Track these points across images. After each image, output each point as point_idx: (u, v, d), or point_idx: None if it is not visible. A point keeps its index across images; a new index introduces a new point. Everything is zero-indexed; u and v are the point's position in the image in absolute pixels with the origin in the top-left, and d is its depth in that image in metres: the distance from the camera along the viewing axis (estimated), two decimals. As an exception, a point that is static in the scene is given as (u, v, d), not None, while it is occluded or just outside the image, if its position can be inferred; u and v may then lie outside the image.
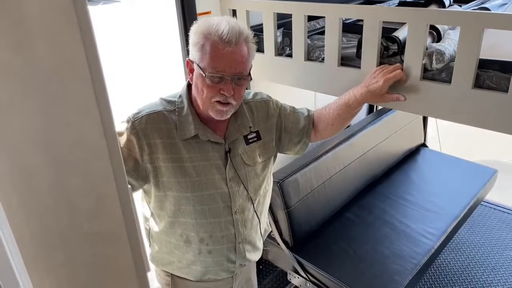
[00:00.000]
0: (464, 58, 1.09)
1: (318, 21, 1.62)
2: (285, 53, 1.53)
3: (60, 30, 0.49)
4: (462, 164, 2.74)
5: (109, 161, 0.58)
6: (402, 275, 1.84)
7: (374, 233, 2.11)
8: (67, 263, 0.55)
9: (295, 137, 1.37)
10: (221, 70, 1.08)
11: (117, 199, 0.60)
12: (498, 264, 2.44)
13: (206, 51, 1.08)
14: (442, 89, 1.16)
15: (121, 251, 0.62)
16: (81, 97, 0.52)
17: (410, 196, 2.40)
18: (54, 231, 0.53)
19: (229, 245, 1.30)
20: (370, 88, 1.21)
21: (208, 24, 1.08)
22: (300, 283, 2.04)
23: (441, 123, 3.31)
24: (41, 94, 0.48)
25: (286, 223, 1.97)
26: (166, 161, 1.15)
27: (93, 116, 0.54)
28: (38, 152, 0.49)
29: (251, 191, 1.29)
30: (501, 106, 1.07)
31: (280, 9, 1.45)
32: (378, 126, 2.54)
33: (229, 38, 1.06)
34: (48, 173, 0.50)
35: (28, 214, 0.49)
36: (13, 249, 0.48)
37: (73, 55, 0.51)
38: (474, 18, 1.04)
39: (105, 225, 0.59)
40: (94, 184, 0.56)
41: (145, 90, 1.79)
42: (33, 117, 0.48)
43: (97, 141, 0.55)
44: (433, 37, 1.28)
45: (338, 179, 2.23)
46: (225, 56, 1.07)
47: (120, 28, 1.69)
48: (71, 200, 0.54)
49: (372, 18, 1.22)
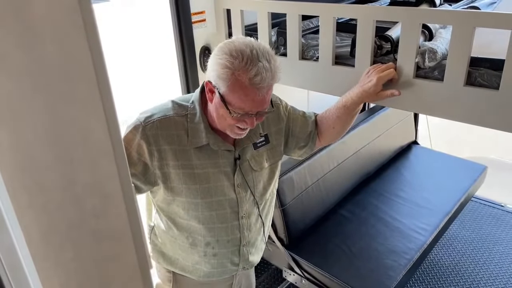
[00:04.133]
0: (456, 56, 1.11)
1: (312, 20, 1.64)
2: (280, 52, 1.54)
3: (67, 29, 0.49)
4: (452, 161, 2.79)
5: (113, 159, 0.58)
6: (396, 270, 1.87)
7: (368, 230, 2.14)
8: (74, 260, 0.56)
9: (302, 141, 1.37)
10: (248, 111, 1.06)
11: (121, 197, 0.60)
12: (488, 259, 2.49)
13: (234, 90, 1.03)
14: (434, 87, 1.18)
15: (125, 248, 0.63)
16: (86, 95, 0.53)
17: (402, 193, 2.44)
18: (62, 229, 0.53)
19: (233, 249, 1.30)
20: (365, 87, 1.23)
21: (239, 59, 1.00)
22: (295, 280, 2.06)
23: (431, 121, 3.36)
24: (49, 92, 0.49)
25: (281, 220, 1.99)
26: (176, 168, 1.14)
27: (98, 114, 0.55)
28: (47, 149, 0.50)
29: (257, 196, 1.28)
30: (492, 103, 1.10)
31: (275, 8, 1.46)
32: (370, 124, 2.57)
33: (261, 85, 1.02)
34: (56, 170, 0.51)
35: (37, 212, 0.50)
36: (23, 247, 0.49)
37: (79, 54, 0.51)
38: (466, 17, 1.07)
39: (111, 222, 0.60)
40: (100, 182, 0.57)
41: (143, 89, 1.79)
42: (42, 115, 0.48)
43: (102, 139, 0.56)
44: (425, 36, 1.31)
45: (332, 177, 2.26)
46: (254, 98, 1.04)
47: (119, 28, 1.69)
48: (79, 198, 0.54)
49: (365, 17, 1.24)
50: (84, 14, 0.52)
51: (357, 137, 2.46)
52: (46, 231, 0.52)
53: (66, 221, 0.53)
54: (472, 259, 2.50)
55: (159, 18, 1.69)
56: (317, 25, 1.58)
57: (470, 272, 2.40)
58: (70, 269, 0.56)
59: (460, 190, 2.45)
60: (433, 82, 1.19)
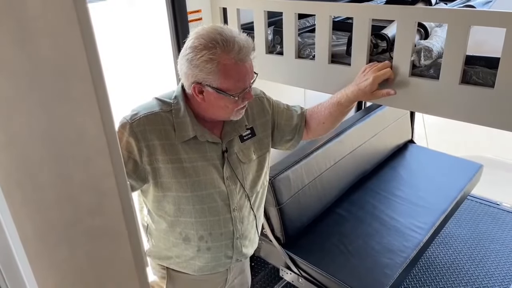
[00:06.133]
0: (451, 54, 1.12)
1: (308, 19, 1.64)
2: (276, 50, 1.54)
3: (62, 28, 0.49)
4: (448, 160, 2.80)
5: (109, 157, 0.58)
6: (393, 269, 1.88)
7: (364, 228, 2.14)
8: (69, 258, 0.56)
9: (288, 134, 1.39)
10: (245, 86, 1.12)
11: (117, 195, 0.60)
12: (484, 257, 2.50)
13: (227, 75, 1.07)
14: (430, 85, 1.19)
15: (121, 246, 0.63)
16: (82, 93, 0.53)
17: (399, 191, 2.44)
18: (57, 227, 0.53)
19: (227, 242, 1.31)
20: (361, 86, 1.23)
21: (217, 47, 1.04)
22: (292, 279, 2.06)
23: (427, 120, 3.37)
24: (44, 90, 0.49)
25: (278, 219, 1.99)
26: (166, 162, 1.16)
27: (93, 113, 0.55)
28: (42, 148, 0.49)
29: (247, 188, 1.30)
30: (488, 101, 1.10)
31: (271, 7, 1.46)
32: (366, 123, 2.58)
33: (243, 56, 1.07)
34: (51, 169, 0.51)
35: (32, 210, 0.50)
36: (17, 245, 0.49)
37: (74, 53, 0.51)
38: (461, 16, 1.07)
39: (106, 220, 0.59)
40: (95, 180, 0.57)
41: (139, 87, 1.79)
42: (36, 113, 0.48)
43: (98, 137, 0.56)
44: (420, 35, 1.31)
45: (328, 176, 2.26)
46: (245, 72, 1.10)
47: (115, 27, 1.69)
48: (73, 196, 0.54)
49: (361, 16, 1.24)
50: (79, 12, 0.52)
51: (354, 136, 2.47)
52: (40, 229, 0.52)
53: (61, 219, 0.53)
54: (468, 257, 2.51)
55: (155, 17, 1.68)
56: (313, 24, 1.58)
57: (466, 270, 2.41)
58: (65, 267, 0.56)
59: (456, 189, 2.46)
60: (429, 80, 1.19)
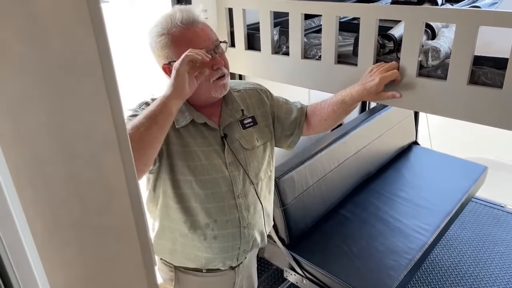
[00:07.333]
0: (459, 54, 1.11)
1: (313, 19, 1.64)
2: (282, 51, 1.54)
3: (73, 24, 0.49)
4: (453, 161, 2.79)
5: (119, 154, 0.58)
6: (397, 270, 1.87)
7: (369, 230, 2.14)
8: (79, 257, 0.56)
9: (288, 128, 1.40)
10: (202, 47, 1.12)
11: (126, 192, 0.60)
12: (489, 259, 2.49)
13: (178, 42, 1.12)
14: (438, 86, 1.18)
15: (130, 244, 0.63)
16: (92, 89, 0.53)
17: (403, 193, 2.44)
18: (67, 225, 0.53)
19: (234, 230, 1.30)
20: (366, 86, 1.23)
21: (161, 25, 1.14)
22: (296, 280, 2.05)
23: (431, 122, 3.36)
24: (54, 87, 0.48)
25: (282, 220, 1.99)
26: (175, 145, 1.19)
27: (104, 110, 0.55)
28: (51, 144, 0.49)
29: (251, 175, 1.31)
30: (496, 102, 1.10)
31: (277, 7, 1.46)
32: (370, 125, 2.57)
33: (187, 21, 1.13)
34: (61, 166, 0.51)
35: (42, 207, 0.50)
36: (29, 243, 0.48)
37: (85, 49, 0.51)
38: (470, 16, 1.07)
39: (115, 218, 0.59)
40: (104, 177, 0.56)
41: (143, 87, 1.80)
42: (46, 109, 0.48)
43: (108, 134, 0.56)
44: (428, 35, 1.31)
45: (332, 177, 2.26)
46: (195, 35, 1.14)
47: (121, 27, 1.69)
48: (83, 193, 0.54)
49: (368, 16, 1.24)
50: (91, 9, 0.51)
51: (358, 137, 2.46)
52: (50, 226, 0.51)
53: (70, 216, 0.53)
54: (472, 259, 2.49)
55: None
56: (319, 25, 1.58)
57: (471, 273, 2.39)
58: (75, 265, 0.56)
59: (460, 191, 2.45)
60: (436, 81, 1.18)
